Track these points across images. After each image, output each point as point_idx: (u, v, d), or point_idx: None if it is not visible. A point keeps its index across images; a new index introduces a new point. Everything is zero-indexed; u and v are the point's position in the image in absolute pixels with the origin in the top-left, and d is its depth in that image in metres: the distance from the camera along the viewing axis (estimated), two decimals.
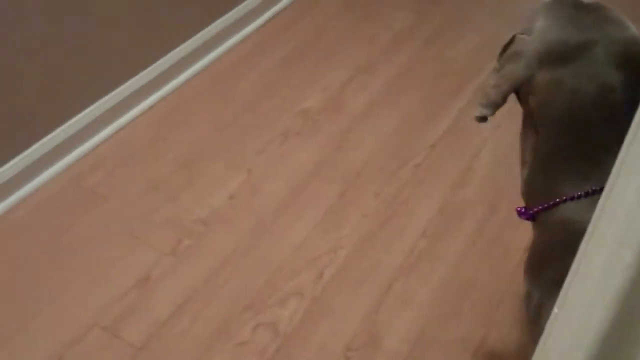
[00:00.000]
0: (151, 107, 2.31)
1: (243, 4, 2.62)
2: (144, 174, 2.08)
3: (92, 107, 2.14)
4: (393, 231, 1.94)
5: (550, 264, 1.10)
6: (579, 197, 0.99)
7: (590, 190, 0.98)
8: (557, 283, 1.06)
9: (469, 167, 2.14)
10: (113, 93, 2.19)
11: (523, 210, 1.16)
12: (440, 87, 2.47)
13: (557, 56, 0.98)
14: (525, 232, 1.91)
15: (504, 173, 2.10)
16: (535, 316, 1.16)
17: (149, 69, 2.29)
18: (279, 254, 1.87)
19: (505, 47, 1.09)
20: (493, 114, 1.07)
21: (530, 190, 1.13)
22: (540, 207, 1.08)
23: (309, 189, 2.06)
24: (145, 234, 1.90)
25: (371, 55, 2.61)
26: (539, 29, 1.03)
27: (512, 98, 1.20)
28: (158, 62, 2.32)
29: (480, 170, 2.14)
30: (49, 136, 2.03)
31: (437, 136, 2.25)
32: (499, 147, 2.20)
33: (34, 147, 2.00)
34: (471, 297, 1.78)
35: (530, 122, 1.07)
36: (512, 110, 1.24)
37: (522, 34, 1.06)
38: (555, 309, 0.55)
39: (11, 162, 1.95)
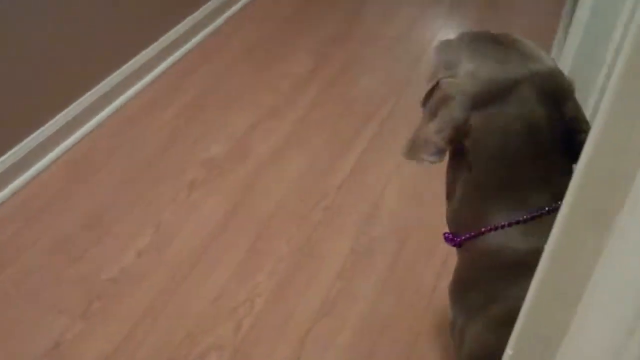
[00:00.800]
0: (54, 162, 2.25)
1: (140, 55, 2.60)
2: (50, 233, 2.01)
3: None
4: (308, 275, 1.95)
5: (473, 289, 1.13)
6: (504, 226, 1.03)
7: (514, 221, 1.02)
8: (480, 308, 1.10)
9: (375, 204, 2.18)
10: (15, 149, 2.12)
11: (450, 236, 1.18)
12: (344, 127, 2.51)
13: (488, 97, 1.01)
14: (435, 263, 1.97)
15: (410, 207, 2.16)
16: (459, 341, 1.18)
17: (50, 122, 2.24)
18: (195, 307, 1.83)
19: (430, 93, 1.10)
20: (442, 160, 1.09)
21: (458, 220, 1.16)
22: (468, 235, 1.11)
23: (221, 238, 2.04)
24: (53, 298, 1.83)
25: (274, 100, 2.63)
26: (468, 70, 1.05)
27: None
28: (59, 115, 2.27)
29: (387, 207, 2.18)
30: None
31: (343, 176, 2.28)
32: (403, 183, 2.26)
33: None
34: (389, 335, 1.80)
35: (459, 158, 1.09)
36: None
37: (447, 77, 1.06)
38: (509, 351, 0.56)
39: None
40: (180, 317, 1.81)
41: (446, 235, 1.20)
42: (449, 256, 1.98)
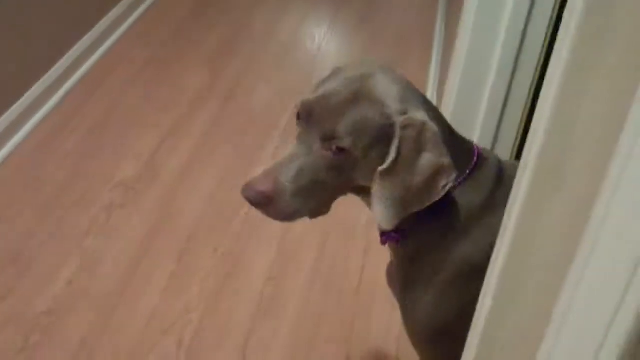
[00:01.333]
0: None
1: (33, 88, 2.57)
2: None
3: None
4: (238, 282, 2.01)
5: (418, 270, 1.22)
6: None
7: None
8: (427, 281, 1.19)
9: None
10: None
11: (392, 234, 1.19)
12: (248, 138, 2.59)
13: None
14: (358, 253, 2.08)
15: None
16: (411, 319, 1.27)
17: None
18: (133, 329, 1.86)
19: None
20: None
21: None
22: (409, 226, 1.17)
23: (146, 260, 2.06)
24: None
25: (175, 118, 2.67)
26: (424, 116, 1.09)
27: None
28: None
29: None
30: None
31: None
32: None
33: None
34: (326, 326, 1.90)
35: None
36: None
37: (407, 118, 1.08)
38: (488, 302, 0.65)
39: None
40: (120, 340, 1.82)
41: (388, 235, 1.21)
42: (371, 244, 2.11)
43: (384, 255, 2.00)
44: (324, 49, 3.22)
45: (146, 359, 1.78)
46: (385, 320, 1.89)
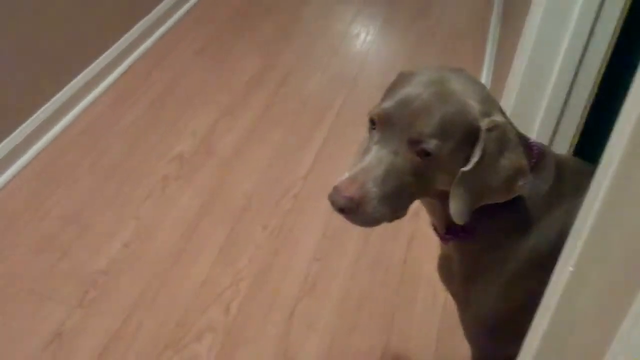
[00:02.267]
0: (24, 167, 2.30)
1: (97, 61, 2.67)
2: (32, 233, 2.07)
3: None
4: (286, 259, 2.08)
5: (483, 267, 1.26)
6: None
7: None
8: (490, 275, 1.24)
9: None
10: None
11: (456, 231, 1.22)
12: (301, 122, 2.65)
13: None
14: (403, 241, 2.14)
15: None
16: (469, 311, 1.33)
17: (17, 130, 2.29)
18: (183, 294, 1.94)
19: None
20: None
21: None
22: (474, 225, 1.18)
23: (199, 229, 2.14)
24: (47, 291, 1.90)
25: (230, 99, 2.74)
26: (502, 119, 1.13)
27: None
28: (26, 122, 2.32)
29: None
30: None
31: (307, 167, 2.42)
32: None
33: None
34: (368, 309, 1.96)
35: None
36: None
37: (491, 121, 1.11)
38: (570, 268, 0.68)
39: None
40: (171, 304, 1.91)
41: (454, 234, 1.24)
42: (415, 234, 2.16)
43: (428, 247, 2.07)
44: (377, 42, 3.27)
45: (194, 325, 1.86)
46: (427, 310, 1.95)
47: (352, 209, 1.10)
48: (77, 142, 2.44)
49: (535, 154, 1.20)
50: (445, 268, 1.39)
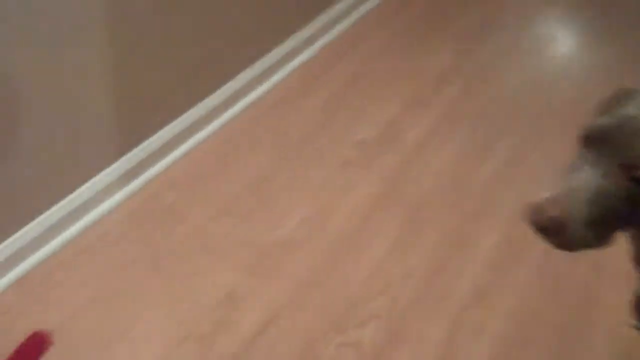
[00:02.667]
0: (215, 133, 2.39)
1: (289, 39, 2.75)
2: (214, 196, 2.15)
3: (162, 131, 2.22)
4: (459, 262, 2.02)
5: None
6: None
7: None
8: None
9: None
10: (182, 117, 2.29)
11: None
12: (489, 121, 2.57)
13: None
14: (588, 260, 2.01)
15: None
16: None
17: (210, 96, 2.41)
18: (354, 279, 1.93)
19: None
20: None
21: None
22: None
23: (375, 218, 2.13)
24: (224, 255, 1.96)
25: (419, 91, 2.71)
26: None
27: None
28: (218, 91, 2.44)
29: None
30: (127, 155, 2.10)
31: (493, 168, 2.33)
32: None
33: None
34: (539, 329, 1.86)
35: None
36: None
37: None
38: None
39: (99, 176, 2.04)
40: (341, 285, 1.90)
41: None
42: (600, 260, 2.02)
43: (612, 275, 1.93)
44: (583, 50, 3.11)
45: (361, 311, 1.84)
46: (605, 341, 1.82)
47: (555, 231, 1.01)
48: (265, 116, 2.51)
49: None
50: None
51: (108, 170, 2.06)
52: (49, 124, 1.83)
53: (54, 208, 1.94)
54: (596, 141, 1.04)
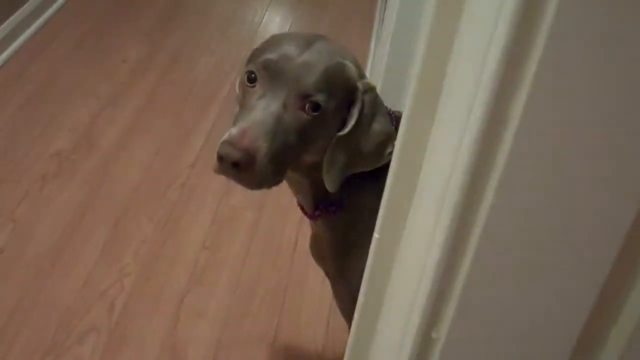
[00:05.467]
0: None
1: None
2: None
3: None
4: (173, 250, 2.02)
5: (354, 239, 1.24)
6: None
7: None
8: (362, 249, 1.21)
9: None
10: None
11: (324, 208, 1.21)
12: (187, 110, 2.58)
13: None
14: (292, 225, 2.11)
15: None
16: (343, 286, 1.30)
17: None
18: (65, 295, 1.85)
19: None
20: None
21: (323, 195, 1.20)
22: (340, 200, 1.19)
23: (81, 227, 2.05)
24: None
25: (113, 88, 2.65)
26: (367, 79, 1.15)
27: None
28: None
29: None
30: None
31: (195, 155, 2.36)
32: None
33: None
34: (258, 295, 1.92)
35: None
36: None
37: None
38: (376, 235, 0.68)
39: None
40: (52, 306, 1.82)
41: (323, 208, 1.22)
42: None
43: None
44: (265, 22, 3.22)
45: (76, 327, 1.78)
46: (317, 290, 1.93)
47: (247, 164, 1.02)
48: None
49: (393, 121, 1.18)
50: (316, 247, 1.37)
51: None
52: None
53: None
54: (268, 76, 1.07)
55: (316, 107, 1.05)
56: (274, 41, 1.14)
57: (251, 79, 1.09)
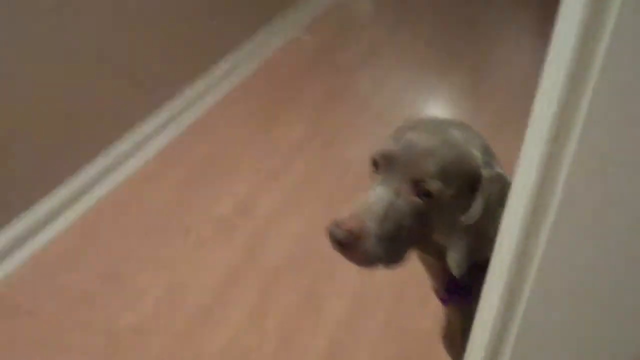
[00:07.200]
0: (67, 226, 2.40)
1: (145, 124, 2.79)
2: (70, 286, 2.14)
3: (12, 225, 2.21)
4: (313, 322, 2.08)
5: None
6: None
7: None
8: None
9: None
10: (28, 212, 2.28)
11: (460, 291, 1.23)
12: (341, 186, 2.68)
13: None
14: (430, 309, 2.10)
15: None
16: None
17: (61, 187, 2.41)
18: (208, 353, 1.96)
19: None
20: None
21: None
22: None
23: (230, 292, 2.17)
24: (78, 343, 1.95)
25: (272, 164, 2.79)
26: (499, 171, 1.15)
27: None
28: (70, 180, 2.44)
29: None
30: None
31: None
32: None
33: None
34: None
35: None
36: None
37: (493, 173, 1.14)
38: None
39: None
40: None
41: (453, 294, 1.24)
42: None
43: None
44: (424, 113, 3.30)
45: None
46: None
47: (350, 244, 1.09)
48: (118, 205, 2.52)
49: None
50: (447, 333, 1.36)
51: None
52: None
53: None
54: (386, 164, 1.15)
55: (428, 193, 1.09)
56: (403, 128, 1.20)
57: (375, 165, 1.16)
